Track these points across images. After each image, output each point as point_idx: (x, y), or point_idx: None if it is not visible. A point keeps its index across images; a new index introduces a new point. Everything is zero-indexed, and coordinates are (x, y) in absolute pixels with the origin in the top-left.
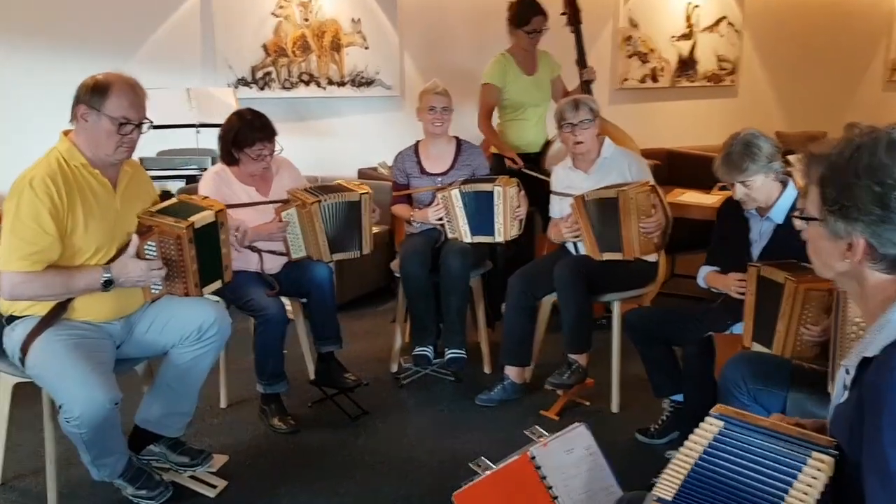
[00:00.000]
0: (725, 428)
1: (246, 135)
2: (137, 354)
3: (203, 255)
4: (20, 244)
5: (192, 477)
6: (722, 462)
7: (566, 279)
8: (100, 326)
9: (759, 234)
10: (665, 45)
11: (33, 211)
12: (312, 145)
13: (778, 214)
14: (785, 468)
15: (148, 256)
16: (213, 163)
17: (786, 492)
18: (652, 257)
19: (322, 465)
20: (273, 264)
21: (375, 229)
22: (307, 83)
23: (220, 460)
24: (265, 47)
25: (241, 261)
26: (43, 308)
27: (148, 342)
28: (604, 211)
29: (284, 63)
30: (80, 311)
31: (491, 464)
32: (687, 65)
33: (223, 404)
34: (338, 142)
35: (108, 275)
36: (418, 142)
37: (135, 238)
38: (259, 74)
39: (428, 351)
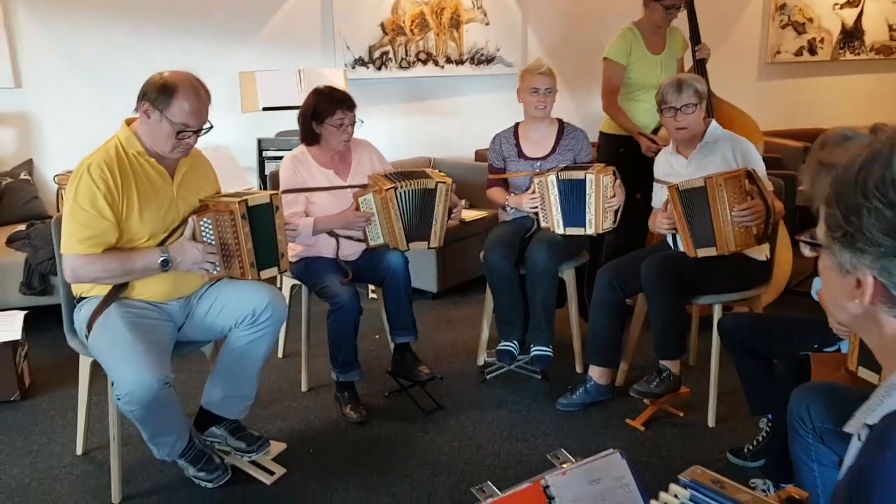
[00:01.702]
0: (691, 500)
1: (325, 106)
2: (199, 337)
3: (258, 235)
4: (78, 228)
5: (252, 462)
6: None
7: (653, 277)
8: (159, 307)
9: None
10: (826, 13)
11: (90, 196)
12: (429, 126)
13: None
14: None
15: (204, 238)
16: None
17: None
18: (761, 255)
19: (383, 461)
20: (351, 250)
21: (480, 213)
22: (424, 62)
23: (277, 448)
24: (383, 26)
25: (319, 246)
26: (106, 288)
27: (208, 325)
28: (695, 201)
29: (402, 42)
30: (138, 290)
31: (496, 490)
32: (852, 35)
33: (304, 388)
34: (455, 122)
35: (166, 255)
36: (518, 123)
37: (192, 220)
38: (376, 54)
39: (512, 346)
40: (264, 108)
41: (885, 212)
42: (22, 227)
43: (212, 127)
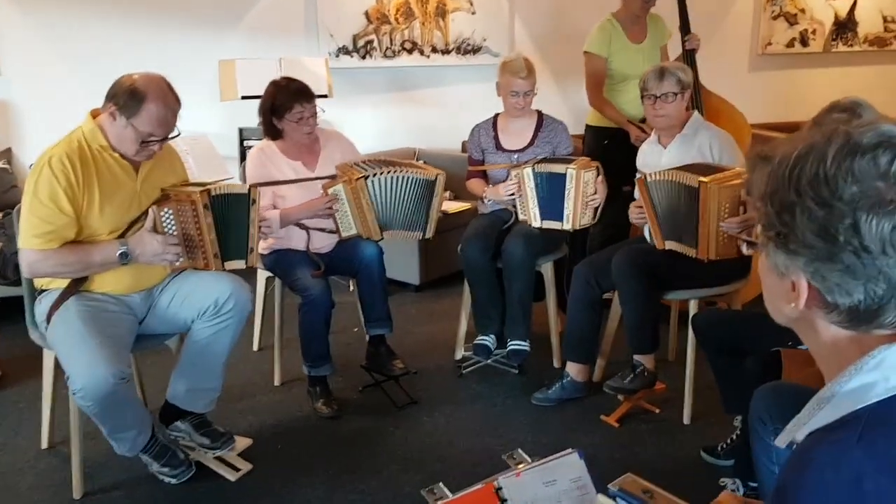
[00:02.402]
0: None
1: (282, 100)
2: (163, 330)
3: (223, 226)
4: (36, 222)
5: (217, 458)
6: None
7: (624, 271)
8: (120, 299)
9: None
10: (818, 4)
11: (50, 190)
12: (414, 116)
13: None
14: None
15: (166, 228)
16: None
17: None
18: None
19: (352, 457)
20: (323, 242)
21: (464, 205)
22: (410, 51)
23: (243, 443)
24: (367, 14)
25: (289, 238)
26: (66, 281)
27: (170, 317)
28: (671, 196)
29: (387, 31)
30: (98, 282)
31: (447, 491)
32: (845, 27)
33: (276, 382)
34: (441, 112)
35: (125, 248)
36: (497, 115)
37: (152, 210)
38: (360, 43)
39: (488, 341)
40: (243, 97)
41: (817, 211)
42: None
43: (179, 134)
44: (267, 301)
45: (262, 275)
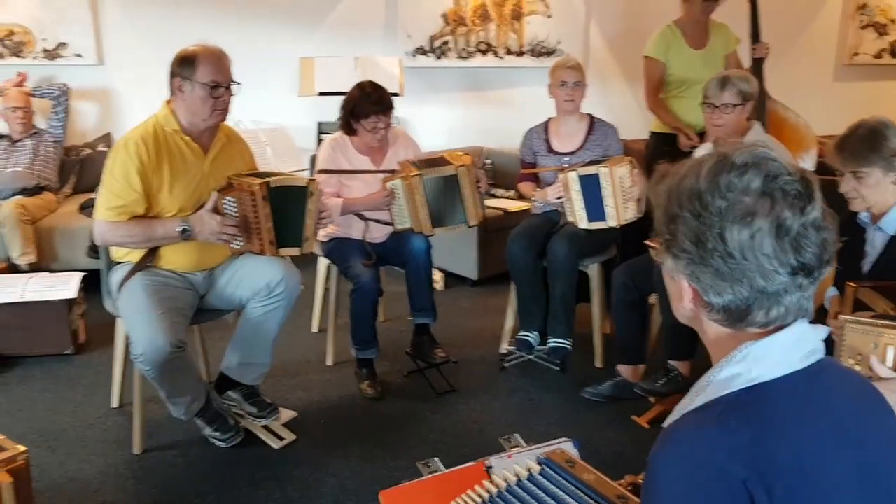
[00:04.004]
0: (541, 474)
1: (363, 107)
2: (220, 306)
3: (280, 215)
4: (110, 197)
5: (264, 427)
6: None
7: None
8: (184, 276)
9: (872, 245)
10: None
11: (124, 169)
12: (485, 115)
13: (890, 224)
14: None
15: (227, 212)
16: None
17: None
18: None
19: (387, 436)
20: (379, 233)
21: (525, 205)
22: (484, 53)
23: (287, 415)
24: (444, 16)
25: (348, 227)
26: (138, 255)
27: (227, 295)
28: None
29: (463, 32)
30: (165, 259)
31: (441, 465)
32: None
33: (329, 362)
34: (511, 113)
35: (185, 224)
36: (550, 118)
37: (214, 194)
38: (437, 44)
39: (531, 337)
40: (320, 93)
41: (692, 221)
42: (94, 195)
43: (240, 84)
44: (326, 286)
45: (323, 262)
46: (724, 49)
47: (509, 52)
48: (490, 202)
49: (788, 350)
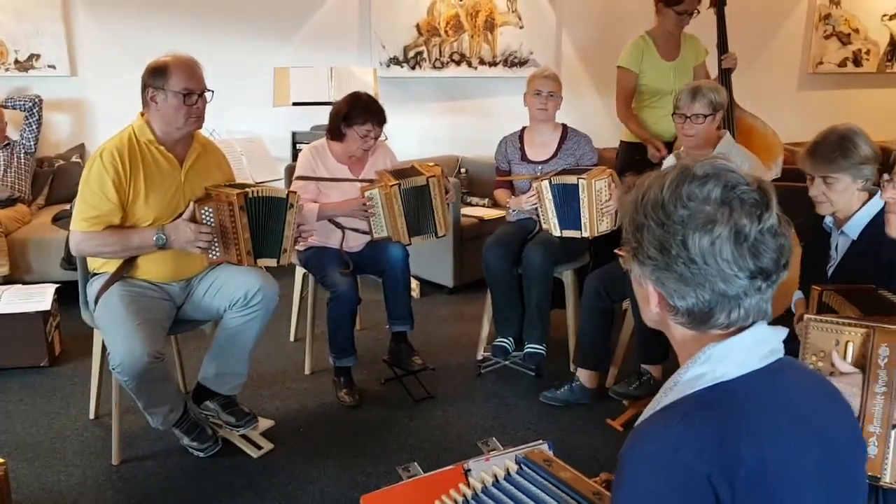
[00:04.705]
0: (519, 473)
1: (359, 113)
2: (198, 316)
3: (259, 226)
4: (85, 208)
5: (242, 436)
6: None
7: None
8: (161, 286)
9: (836, 249)
10: (873, 24)
11: (100, 180)
12: (459, 125)
13: (853, 229)
14: None
15: (205, 222)
16: None
17: None
18: None
19: (365, 443)
20: (356, 242)
21: (500, 213)
22: (458, 63)
23: (265, 424)
24: (418, 27)
25: (324, 236)
26: (115, 266)
27: (205, 305)
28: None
29: (436, 42)
30: (142, 270)
31: (420, 469)
32: None
33: (307, 371)
34: (486, 122)
35: (161, 233)
36: (524, 127)
37: (192, 204)
38: (411, 54)
39: (507, 343)
40: (294, 103)
41: (657, 230)
42: (67, 206)
43: (213, 92)
44: (303, 296)
45: (300, 271)
46: (694, 60)
47: (483, 63)
48: (465, 210)
49: (749, 350)
